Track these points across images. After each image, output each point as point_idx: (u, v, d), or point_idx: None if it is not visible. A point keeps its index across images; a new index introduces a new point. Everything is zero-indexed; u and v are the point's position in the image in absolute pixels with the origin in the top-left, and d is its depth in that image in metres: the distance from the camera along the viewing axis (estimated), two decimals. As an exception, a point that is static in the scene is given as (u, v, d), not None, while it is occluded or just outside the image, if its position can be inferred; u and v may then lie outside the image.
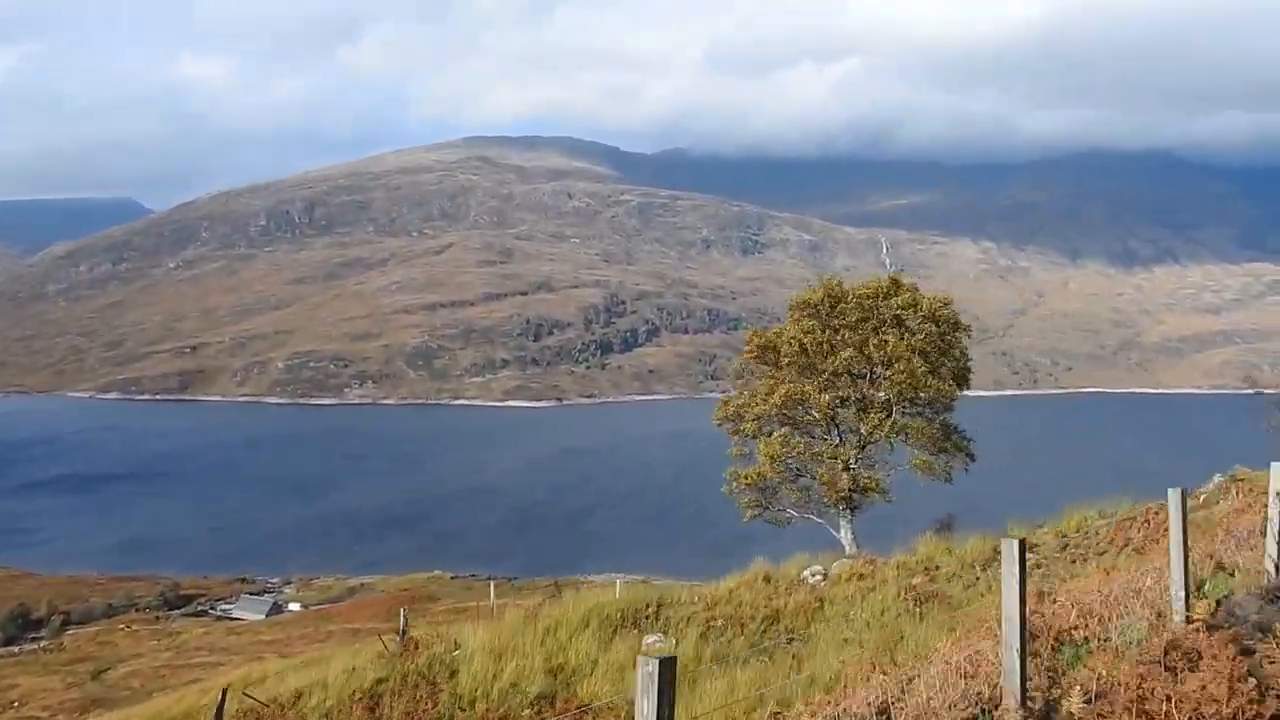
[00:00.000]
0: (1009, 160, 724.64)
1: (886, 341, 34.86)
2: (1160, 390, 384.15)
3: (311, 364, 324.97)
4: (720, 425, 38.35)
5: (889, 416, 35.50)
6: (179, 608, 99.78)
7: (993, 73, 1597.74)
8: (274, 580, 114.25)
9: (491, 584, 66.72)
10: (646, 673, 4.72)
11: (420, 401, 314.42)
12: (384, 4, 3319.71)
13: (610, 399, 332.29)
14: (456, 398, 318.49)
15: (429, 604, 77.15)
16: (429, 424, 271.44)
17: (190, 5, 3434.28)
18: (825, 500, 35.31)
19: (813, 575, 20.91)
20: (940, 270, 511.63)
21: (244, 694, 18.94)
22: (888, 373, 34.91)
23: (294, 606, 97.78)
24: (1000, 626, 6.46)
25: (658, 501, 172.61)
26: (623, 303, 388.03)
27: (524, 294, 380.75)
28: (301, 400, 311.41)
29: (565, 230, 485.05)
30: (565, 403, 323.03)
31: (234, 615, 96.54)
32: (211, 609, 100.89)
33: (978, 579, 18.07)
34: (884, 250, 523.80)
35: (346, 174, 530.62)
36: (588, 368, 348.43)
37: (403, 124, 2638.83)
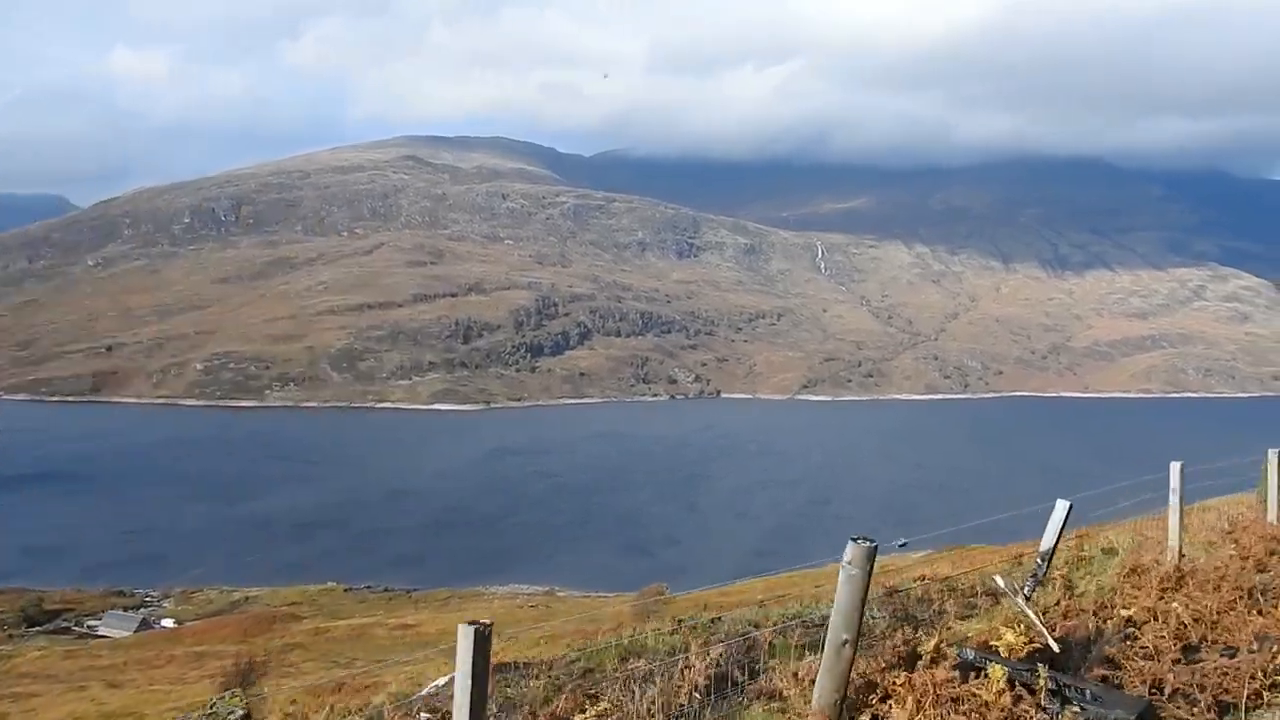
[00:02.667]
0: (946, 164, 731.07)
1: None
2: (1088, 394, 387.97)
3: (231, 365, 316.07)
4: None
5: None
6: (41, 624, 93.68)
7: (932, 77, 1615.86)
8: (153, 593, 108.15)
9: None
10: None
11: (343, 405, 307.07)
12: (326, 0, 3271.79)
13: (540, 402, 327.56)
14: (381, 401, 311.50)
15: (290, 624, 72.36)
16: (350, 428, 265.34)
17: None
18: None
19: None
20: (874, 274, 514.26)
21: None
22: None
23: (167, 622, 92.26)
24: None
25: (576, 506, 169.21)
26: (555, 305, 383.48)
27: (454, 295, 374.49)
28: (220, 403, 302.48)
29: (499, 231, 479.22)
30: (493, 406, 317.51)
31: (100, 633, 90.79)
32: (77, 625, 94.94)
33: None
34: (819, 254, 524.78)
35: (275, 172, 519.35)
36: (517, 371, 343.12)
37: (342, 122, 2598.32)
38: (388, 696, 11.04)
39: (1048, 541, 10.18)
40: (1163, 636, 7.99)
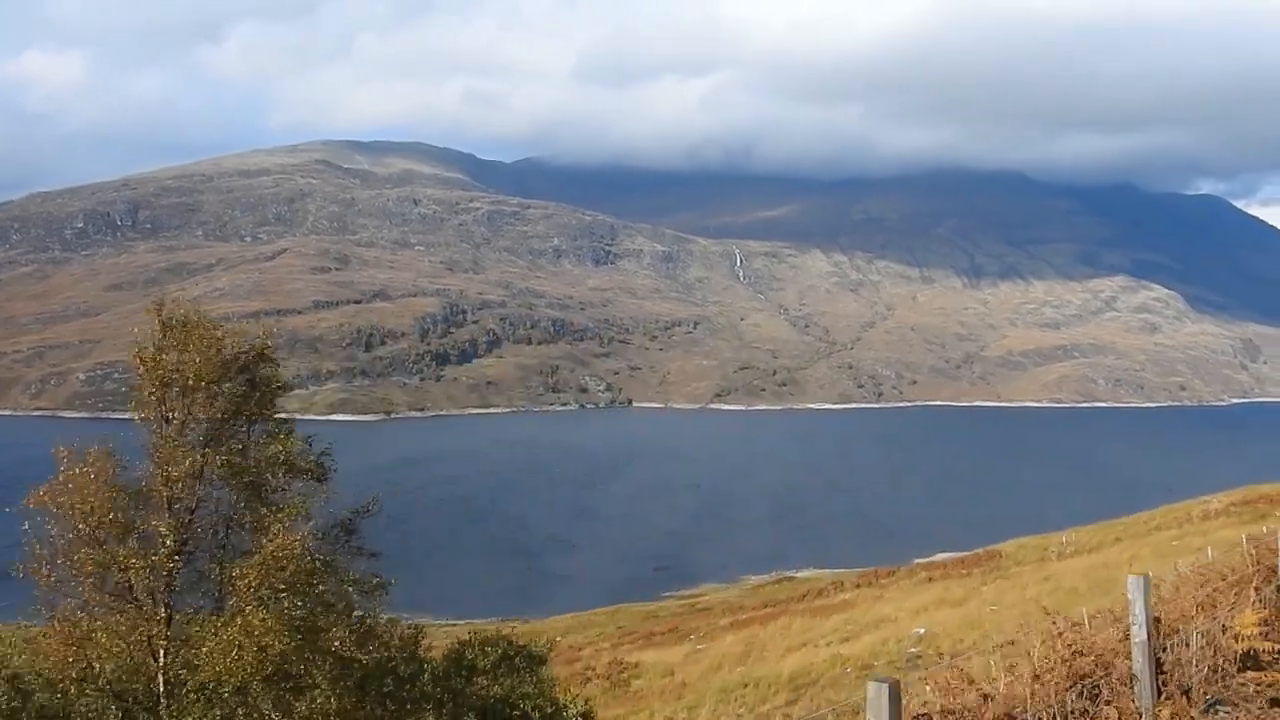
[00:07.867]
0: (867, 175, 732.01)
1: None
2: (1000, 404, 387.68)
3: (116, 375, 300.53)
4: None
5: None
6: None
7: (855, 90, 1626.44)
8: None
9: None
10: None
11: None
12: (249, 3, 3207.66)
13: (444, 412, 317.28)
14: (275, 412, 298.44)
15: None
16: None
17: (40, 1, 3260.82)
18: None
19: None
20: (793, 283, 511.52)
21: None
22: None
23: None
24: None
25: (464, 515, 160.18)
26: (463, 312, 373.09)
27: (358, 302, 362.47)
28: (102, 414, 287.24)
29: (409, 237, 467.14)
30: (394, 416, 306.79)
31: None
32: None
33: None
34: (738, 262, 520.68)
35: (176, 175, 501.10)
36: (421, 379, 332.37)
37: (264, 129, 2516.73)
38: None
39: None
40: None
